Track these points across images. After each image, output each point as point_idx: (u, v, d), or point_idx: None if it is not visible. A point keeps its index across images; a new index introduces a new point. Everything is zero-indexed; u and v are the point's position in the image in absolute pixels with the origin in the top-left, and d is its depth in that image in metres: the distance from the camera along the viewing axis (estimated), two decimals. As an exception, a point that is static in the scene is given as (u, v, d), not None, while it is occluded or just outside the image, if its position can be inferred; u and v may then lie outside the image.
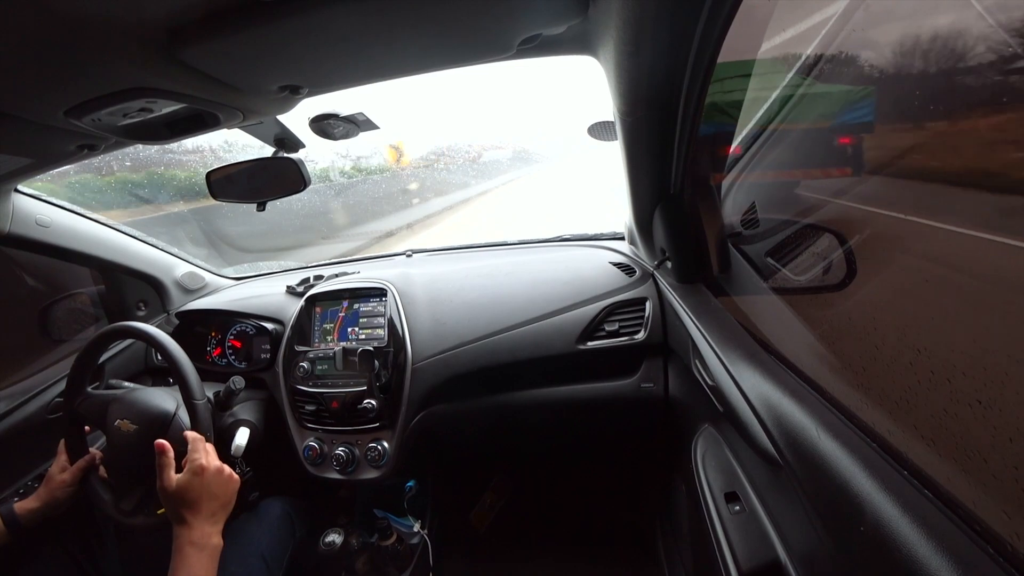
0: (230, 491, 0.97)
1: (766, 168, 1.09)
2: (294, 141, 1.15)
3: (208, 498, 0.92)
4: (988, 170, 0.63)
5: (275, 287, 1.70)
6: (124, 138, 0.95)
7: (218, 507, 0.93)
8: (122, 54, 0.65)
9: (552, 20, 0.78)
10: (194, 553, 0.86)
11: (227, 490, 0.96)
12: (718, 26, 0.72)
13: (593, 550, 1.73)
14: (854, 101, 0.81)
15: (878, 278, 0.81)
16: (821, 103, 0.92)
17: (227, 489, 0.96)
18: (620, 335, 1.34)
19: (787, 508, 0.72)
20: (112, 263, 1.53)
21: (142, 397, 1.12)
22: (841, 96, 0.84)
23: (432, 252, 1.92)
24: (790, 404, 0.69)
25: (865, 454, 0.55)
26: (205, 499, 0.92)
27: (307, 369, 1.42)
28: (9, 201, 1.24)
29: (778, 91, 1.00)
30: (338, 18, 0.66)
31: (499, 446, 1.77)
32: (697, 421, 1.11)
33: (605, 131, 1.16)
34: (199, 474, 0.93)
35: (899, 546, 0.45)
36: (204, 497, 0.92)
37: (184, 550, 0.86)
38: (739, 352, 0.87)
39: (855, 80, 0.81)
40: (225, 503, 0.95)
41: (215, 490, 0.93)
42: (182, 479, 0.92)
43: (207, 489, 0.92)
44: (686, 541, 1.27)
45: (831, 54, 0.83)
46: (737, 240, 1.17)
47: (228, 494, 0.96)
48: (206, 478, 0.93)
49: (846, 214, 0.88)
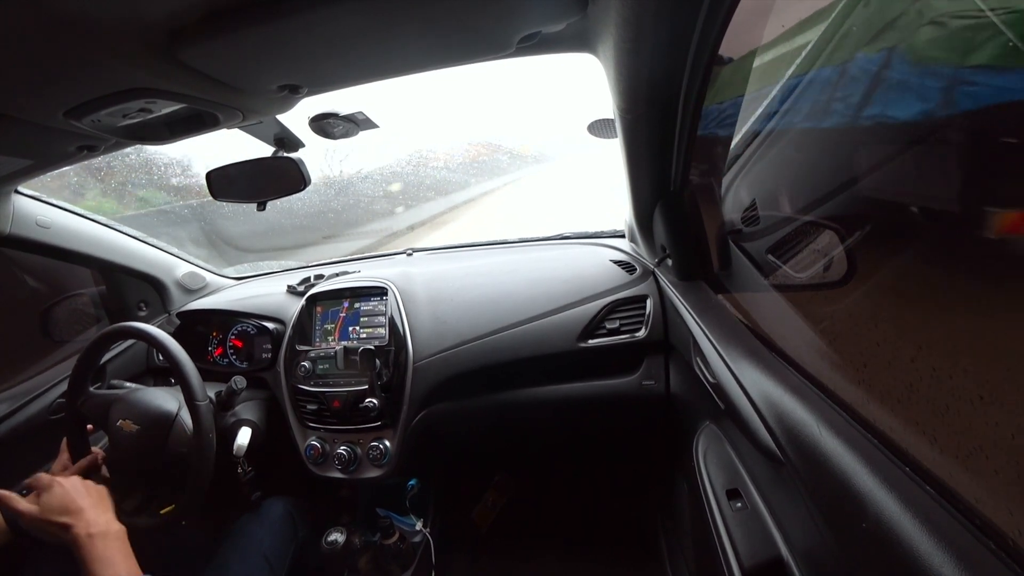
0: (82, 485, 0.93)
1: (766, 165, 1.09)
2: (294, 141, 1.15)
3: (71, 499, 0.89)
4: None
5: (276, 287, 1.70)
6: (124, 139, 0.95)
7: (90, 503, 0.90)
8: (121, 55, 0.65)
9: (551, 18, 0.78)
10: (100, 542, 0.83)
11: (79, 485, 0.92)
12: (717, 23, 0.72)
13: (595, 548, 1.73)
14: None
15: (879, 274, 0.81)
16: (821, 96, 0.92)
17: (78, 484, 0.92)
18: (621, 333, 1.34)
19: (789, 505, 0.72)
20: (113, 264, 1.53)
21: (144, 397, 1.12)
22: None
23: (433, 251, 1.91)
24: (791, 401, 0.68)
25: (867, 450, 0.55)
26: (68, 500, 0.89)
27: (308, 368, 1.42)
28: (9, 202, 1.24)
29: (778, 87, 1.00)
30: (337, 17, 0.66)
31: (501, 444, 1.77)
32: (698, 418, 1.11)
33: (605, 128, 1.16)
34: (46, 489, 0.91)
35: (901, 542, 0.45)
36: (66, 500, 0.89)
37: (86, 545, 0.82)
38: (740, 349, 0.87)
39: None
40: (92, 492, 0.92)
41: (71, 491, 0.91)
42: (31, 505, 0.89)
43: (63, 496, 0.90)
44: (688, 538, 1.27)
45: (831, 49, 0.82)
46: (737, 237, 1.17)
47: (84, 487, 0.92)
48: (55, 489, 0.91)
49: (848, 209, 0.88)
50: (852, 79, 0.81)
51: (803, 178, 1.00)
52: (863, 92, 0.78)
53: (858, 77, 0.79)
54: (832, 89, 0.85)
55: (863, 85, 0.78)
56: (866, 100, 0.78)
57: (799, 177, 1.02)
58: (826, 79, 0.86)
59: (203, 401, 1.06)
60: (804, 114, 0.95)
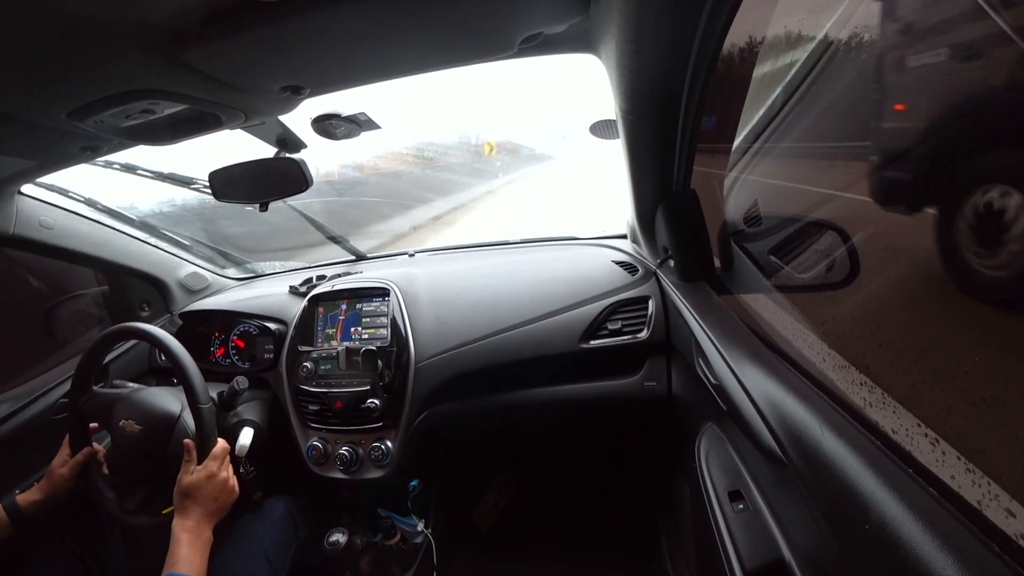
0: (230, 500, 1.09)
1: (769, 165, 1.08)
2: (296, 141, 1.15)
3: (210, 500, 1.03)
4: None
5: (278, 287, 1.71)
6: (126, 139, 0.95)
7: (216, 509, 1.05)
8: (124, 56, 0.65)
9: (553, 18, 0.78)
10: (189, 540, 0.97)
11: (227, 499, 1.08)
12: (720, 24, 0.72)
13: (597, 549, 1.73)
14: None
15: (882, 275, 0.81)
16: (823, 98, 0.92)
17: (228, 498, 1.08)
18: (623, 333, 1.34)
19: (791, 507, 0.72)
20: (116, 264, 1.54)
21: (147, 398, 1.12)
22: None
23: (434, 252, 1.92)
24: (794, 402, 0.68)
25: (869, 452, 0.55)
26: (208, 500, 1.03)
27: (310, 369, 1.42)
28: (13, 203, 1.24)
29: (780, 88, 1.00)
30: (340, 18, 0.66)
31: (502, 445, 1.77)
32: (700, 419, 1.11)
33: (607, 129, 1.16)
34: (210, 479, 1.04)
35: (904, 544, 0.45)
36: (208, 499, 1.03)
37: (181, 536, 0.96)
38: (742, 350, 0.87)
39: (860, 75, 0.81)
40: (222, 507, 1.07)
41: (217, 495, 1.05)
42: (195, 479, 1.03)
43: (211, 493, 1.04)
44: (690, 540, 1.27)
45: (835, 48, 0.82)
46: (740, 238, 1.16)
47: (227, 502, 1.08)
48: (214, 483, 1.05)
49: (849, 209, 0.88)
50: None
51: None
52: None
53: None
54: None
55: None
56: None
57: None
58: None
59: (206, 404, 1.07)
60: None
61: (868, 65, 0.84)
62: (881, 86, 0.85)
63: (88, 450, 1.13)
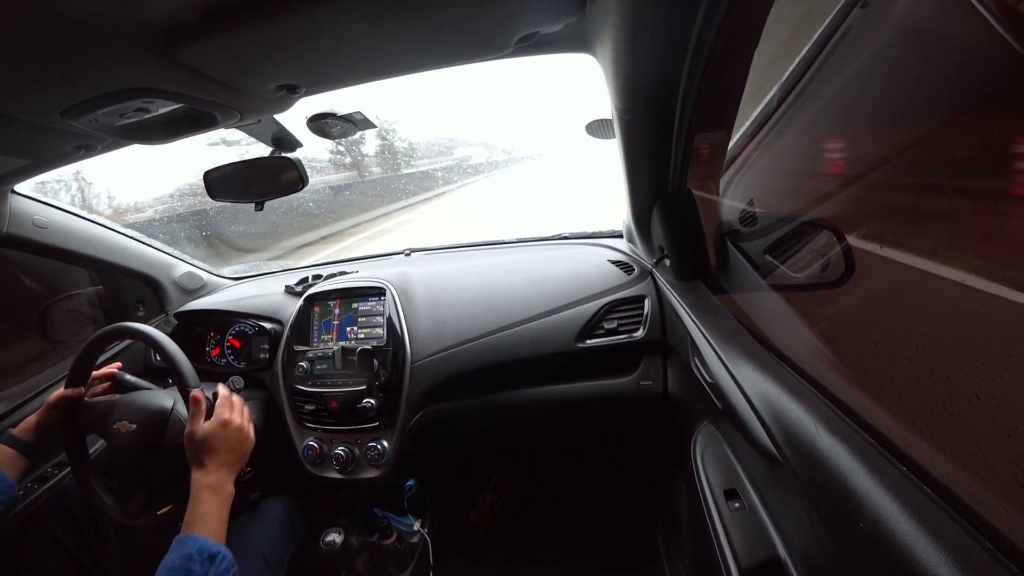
0: (246, 447, 1.06)
1: (764, 165, 1.09)
2: (291, 140, 1.15)
3: (227, 449, 1.00)
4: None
5: (274, 287, 1.70)
6: (121, 138, 0.94)
7: (234, 459, 1.01)
8: (118, 54, 0.65)
9: (549, 18, 0.78)
10: (210, 496, 0.93)
11: (244, 446, 1.05)
12: (715, 24, 0.72)
13: (593, 548, 1.73)
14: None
15: (876, 274, 0.82)
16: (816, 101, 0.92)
17: (244, 445, 1.05)
18: (619, 333, 1.35)
19: (786, 505, 0.72)
20: (110, 264, 1.53)
21: (139, 398, 1.12)
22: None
23: (430, 251, 1.91)
24: (789, 401, 0.69)
25: (864, 450, 0.56)
26: (224, 450, 1.00)
27: (306, 369, 1.42)
28: (6, 202, 1.24)
29: (776, 88, 1.00)
30: (335, 17, 0.65)
31: (499, 445, 1.77)
32: (696, 418, 1.11)
33: (603, 129, 1.16)
34: (224, 427, 1.02)
35: (898, 542, 0.45)
36: (224, 448, 1.00)
37: (201, 493, 0.93)
38: (738, 349, 0.87)
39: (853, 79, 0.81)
40: (240, 456, 1.03)
41: (233, 443, 1.02)
42: (208, 428, 1.00)
43: (227, 441, 1.01)
44: (686, 538, 1.27)
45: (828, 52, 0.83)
46: (735, 237, 1.17)
47: (244, 449, 1.05)
48: (229, 431, 1.02)
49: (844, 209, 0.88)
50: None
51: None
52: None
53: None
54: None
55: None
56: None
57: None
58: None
59: (196, 387, 1.06)
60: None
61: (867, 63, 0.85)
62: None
63: (70, 392, 1.11)
